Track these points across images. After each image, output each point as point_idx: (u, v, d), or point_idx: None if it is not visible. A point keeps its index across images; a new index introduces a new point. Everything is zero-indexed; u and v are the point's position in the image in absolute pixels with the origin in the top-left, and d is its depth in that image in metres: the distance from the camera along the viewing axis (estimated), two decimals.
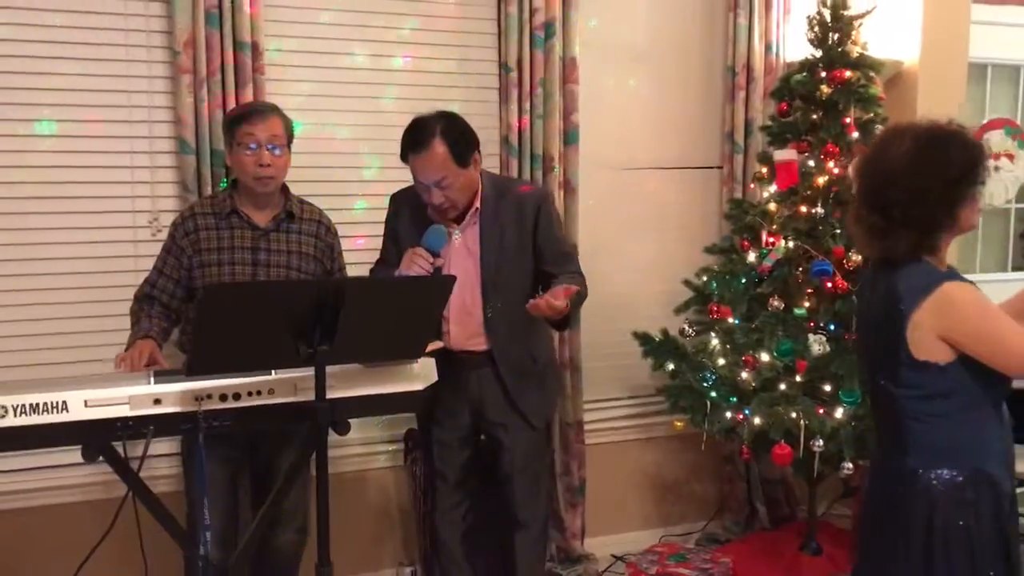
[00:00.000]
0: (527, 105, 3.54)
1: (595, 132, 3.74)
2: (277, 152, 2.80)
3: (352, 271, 3.12)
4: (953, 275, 2.05)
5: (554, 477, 3.69)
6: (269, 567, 3.02)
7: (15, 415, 2.14)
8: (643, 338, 3.57)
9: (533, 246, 2.87)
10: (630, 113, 3.89)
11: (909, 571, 2.05)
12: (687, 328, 3.50)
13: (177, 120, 3.17)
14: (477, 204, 2.86)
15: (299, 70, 3.37)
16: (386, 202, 3.09)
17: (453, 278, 2.38)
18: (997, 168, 4.09)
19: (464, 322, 2.87)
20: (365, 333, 2.20)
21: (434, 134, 2.71)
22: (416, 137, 2.74)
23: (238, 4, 3.11)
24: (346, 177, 3.50)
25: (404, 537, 3.69)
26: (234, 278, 2.82)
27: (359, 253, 3.38)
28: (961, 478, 2.01)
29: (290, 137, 2.86)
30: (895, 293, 2.02)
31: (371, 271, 3.05)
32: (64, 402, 2.17)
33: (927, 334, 1.98)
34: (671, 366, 3.47)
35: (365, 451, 3.58)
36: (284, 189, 2.92)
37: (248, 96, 3.15)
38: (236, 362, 2.16)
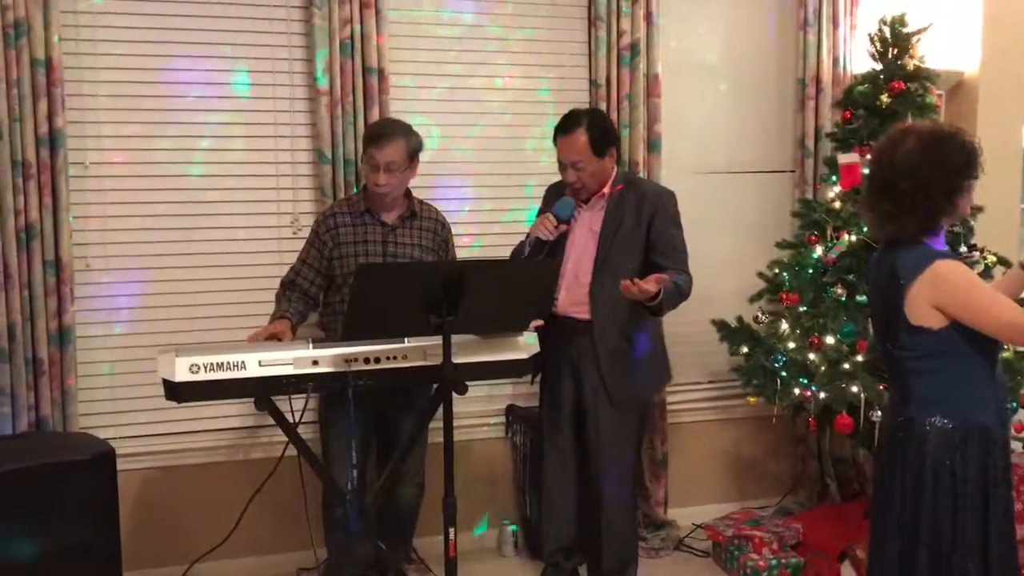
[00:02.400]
0: (614, 117, 3.96)
1: (676, 140, 4.16)
2: (391, 174, 3.25)
3: None
4: (946, 254, 2.39)
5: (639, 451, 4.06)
6: (393, 517, 3.50)
7: (205, 371, 2.68)
8: (720, 325, 3.97)
9: (647, 237, 3.26)
10: (708, 123, 4.30)
11: (905, 501, 2.39)
12: (760, 315, 3.89)
13: (316, 135, 3.71)
14: (605, 191, 3.30)
15: (418, 90, 3.89)
16: (491, 203, 3.57)
17: (557, 263, 2.83)
18: None
19: (573, 289, 3.28)
20: (483, 307, 2.66)
21: (580, 123, 3.22)
22: (566, 123, 3.26)
23: (367, 35, 3.63)
24: (454, 183, 3.99)
25: (504, 500, 4.14)
26: None
27: (466, 250, 3.88)
28: (952, 425, 2.34)
29: (412, 154, 3.31)
30: (895, 269, 2.38)
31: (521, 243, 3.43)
32: (243, 361, 2.70)
33: (922, 304, 2.33)
34: (745, 349, 3.86)
35: (470, 423, 4.03)
36: (407, 192, 3.42)
37: (375, 114, 3.67)
38: (381, 329, 2.66)
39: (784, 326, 3.76)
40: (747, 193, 4.39)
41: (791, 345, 3.73)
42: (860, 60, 4.20)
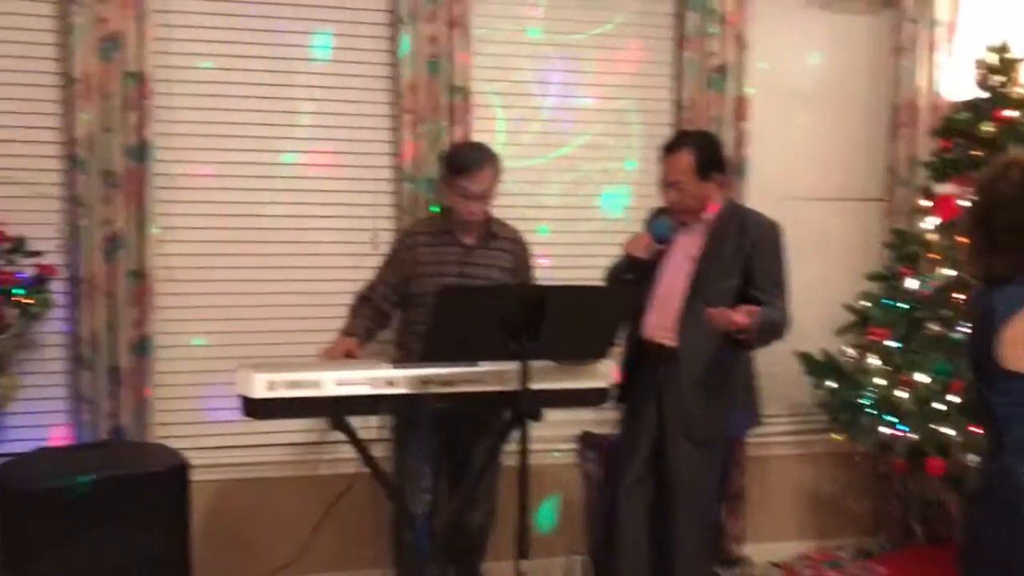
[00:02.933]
0: None
1: (763, 165, 4.04)
2: (484, 200, 3.24)
3: None
4: None
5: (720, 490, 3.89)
6: (462, 541, 3.44)
7: (282, 389, 2.66)
8: (805, 358, 3.84)
9: (745, 267, 3.13)
10: (795, 147, 4.19)
11: (997, 552, 2.23)
12: (847, 349, 3.75)
13: (396, 152, 3.70)
14: (706, 216, 3.19)
15: (501, 110, 3.86)
16: (571, 225, 3.60)
17: (639, 291, 2.75)
18: None
19: (662, 313, 3.16)
20: (563, 333, 2.60)
21: (687, 143, 3.16)
22: (673, 141, 3.21)
23: (453, 53, 3.62)
24: (531, 203, 3.93)
25: (574, 529, 4.05)
26: None
27: (546, 272, 3.80)
28: None
29: (498, 177, 3.30)
30: (991, 309, 2.23)
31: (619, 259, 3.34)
32: (319, 380, 2.68)
33: (1018, 346, 2.17)
34: (830, 384, 3.72)
35: (540, 447, 3.94)
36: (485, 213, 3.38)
37: (459, 134, 3.65)
38: (460, 352, 2.62)
39: (873, 361, 3.61)
40: (834, 221, 4.25)
41: (879, 382, 3.58)
42: (956, 87, 4.05)
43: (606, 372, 2.88)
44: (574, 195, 3.99)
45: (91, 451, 3.12)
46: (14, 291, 3.13)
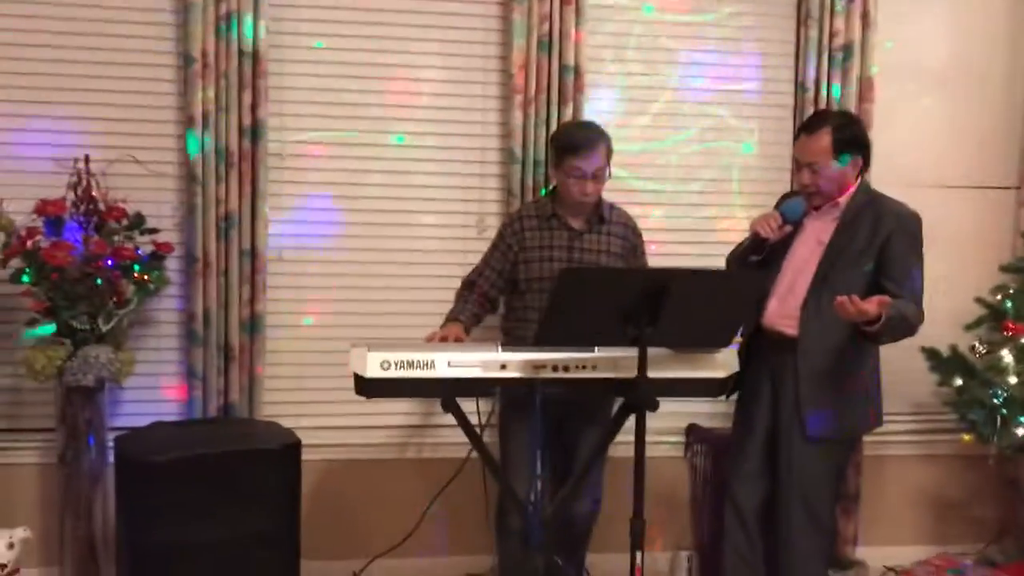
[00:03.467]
0: None
1: (887, 149, 3.84)
2: (600, 180, 3.15)
3: None
4: None
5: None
6: (566, 532, 3.36)
7: (395, 369, 2.63)
8: (931, 353, 3.64)
9: (879, 258, 2.95)
10: (922, 131, 3.98)
11: None
12: (978, 345, 3.53)
13: (506, 134, 3.64)
14: (841, 200, 3.02)
15: (612, 90, 3.77)
16: (684, 211, 3.58)
17: (764, 276, 2.62)
18: None
19: (785, 300, 2.99)
20: (684, 320, 2.49)
21: (826, 123, 2.98)
22: (812, 121, 3.07)
23: (566, 31, 3.54)
24: (646, 187, 3.84)
25: (680, 524, 3.95)
26: (552, 273, 3.16)
27: (655, 259, 3.69)
28: None
29: (609, 156, 3.20)
30: None
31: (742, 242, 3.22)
32: (432, 360, 2.64)
33: None
34: (959, 381, 3.52)
35: (647, 439, 3.86)
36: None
37: (568, 114, 3.57)
38: (576, 336, 2.54)
39: (1007, 358, 3.39)
40: (963, 209, 4.02)
41: (1012, 380, 3.36)
42: None
43: (726, 361, 2.76)
44: (690, 180, 3.87)
45: (205, 426, 3.16)
46: (133, 267, 3.17)
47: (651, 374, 2.56)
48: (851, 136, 2.99)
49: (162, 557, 2.78)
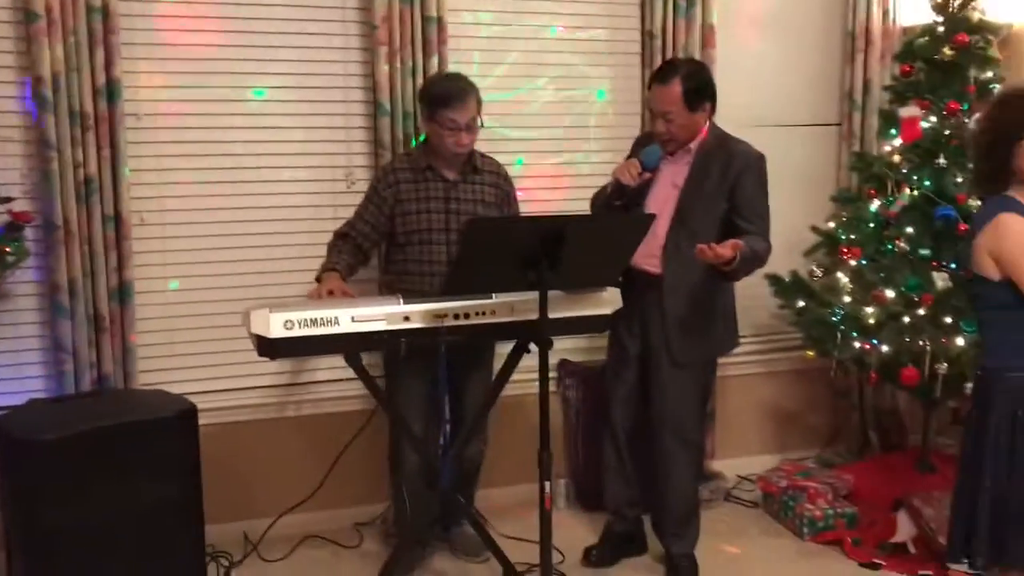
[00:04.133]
0: None
1: (729, 93, 4.07)
2: (473, 131, 3.23)
3: None
4: (1014, 206, 2.42)
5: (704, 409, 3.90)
6: (460, 474, 3.46)
7: (299, 327, 2.65)
8: (773, 279, 3.98)
9: (730, 197, 3.19)
10: (758, 75, 4.27)
11: (974, 441, 2.55)
12: (815, 269, 3.90)
13: (371, 86, 3.63)
14: (693, 146, 3.22)
15: (475, 40, 3.82)
16: (544, 158, 3.77)
17: (653, 216, 2.80)
18: None
19: (648, 241, 3.11)
20: (579, 262, 2.64)
21: (677, 74, 3.13)
22: (663, 72, 3.18)
23: None
24: (510, 136, 3.93)
25: (557, 454, 4.13)
26: (430, 224, 3.27)
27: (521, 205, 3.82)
28: (1016, 374, 2.45)
29: (480, 106, 3.26)
30: (975, 220, 2.53)
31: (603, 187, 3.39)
32: (336, 317, 2.67)
33: (984, 253, 2.44)
34: (801, 303, 3.87)
35: (522, 378, 4.02)
36: None
37: (434, 66, 3.60)
38: (481, 284, 2.64)
39: (842, 279, 3.76)
40: (795, 147, 4.36)
41: (847, 299, 3.74)
42: (909, 13, 4.19)
43: (611, 299, 2.95)
44: (548, 127, 4.00)
45: (88, 400, 3.04)
46: None
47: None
48: (701, 84, 3.20)
49: (59, 539, 2.68)
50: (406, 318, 2.73)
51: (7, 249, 3.04)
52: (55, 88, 3.18)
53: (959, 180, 3.59)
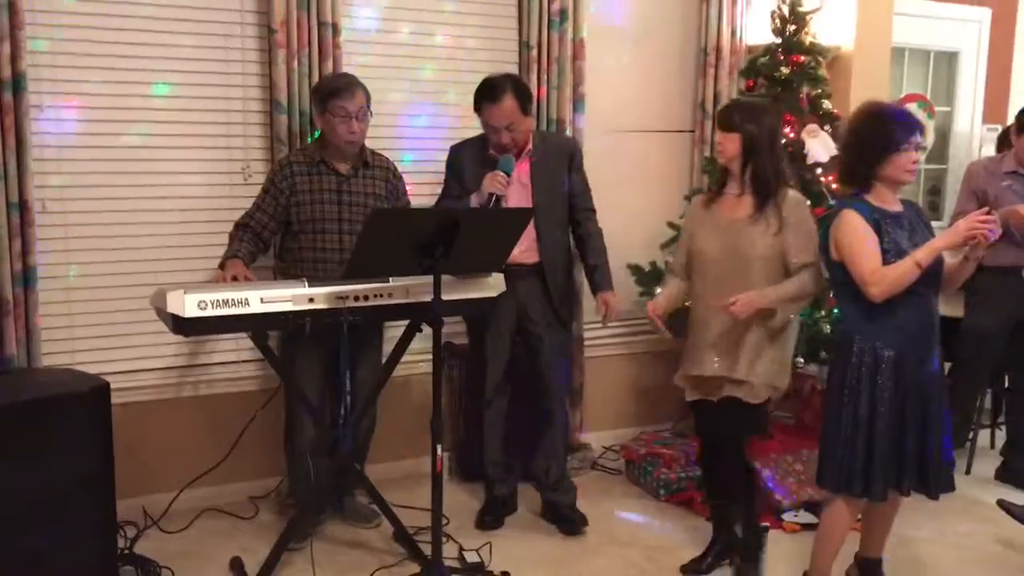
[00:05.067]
0: (544, 78, 4.30)
1: (597, 101, 4.54)
2: (363, 120, 3.51)
3: None
4: (858, 206, 2.91)
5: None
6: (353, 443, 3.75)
7: (212, 308, 2.88)
8: (634, 269, 4.43)
9: (568, 180, 3.70)
10: (623, 85, 4.72)
11: (828, 397, 3.06)
12: (671, 260, 4.34)
13: (270, 85, 3.86)
14: (529, 146, 3.63)
15: (365, 45, 4.10)
16: (431, 155, 4.00)
17: (532, 210, 3.17)
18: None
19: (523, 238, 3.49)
20: (469, 249, 2.97)
21: (506, 89, 3.49)
22: (492, 91, 3.50)
23: None
24: (397, 134, 4.23)
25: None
26: (323, 215, 3.53)
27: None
28: (858, 343, 2.94)
29: (368, 100, 3.57)
30: (829, 215, 3.04)
31: (437, 202, 3.79)
32: (246, 298, 2.92)
33: (831, 240, 2.94)
34: (659, 290, 4.31)
35: (409, 359, 4.31)
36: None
37: (329, 67, 3.86)
38: (379, 269, 2.94)
39: None
40: (654, 150, 4.85)
41: None
42: (754, 33, 4.71)
43: (496, 283, 3.31)
44: (433, 127, 4.31)
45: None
46: None
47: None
48: (526, 90, 3.65)
49: None
50: (311, 300, 3.00)
51: None
52: None
53: (792, 182, 4.09)
